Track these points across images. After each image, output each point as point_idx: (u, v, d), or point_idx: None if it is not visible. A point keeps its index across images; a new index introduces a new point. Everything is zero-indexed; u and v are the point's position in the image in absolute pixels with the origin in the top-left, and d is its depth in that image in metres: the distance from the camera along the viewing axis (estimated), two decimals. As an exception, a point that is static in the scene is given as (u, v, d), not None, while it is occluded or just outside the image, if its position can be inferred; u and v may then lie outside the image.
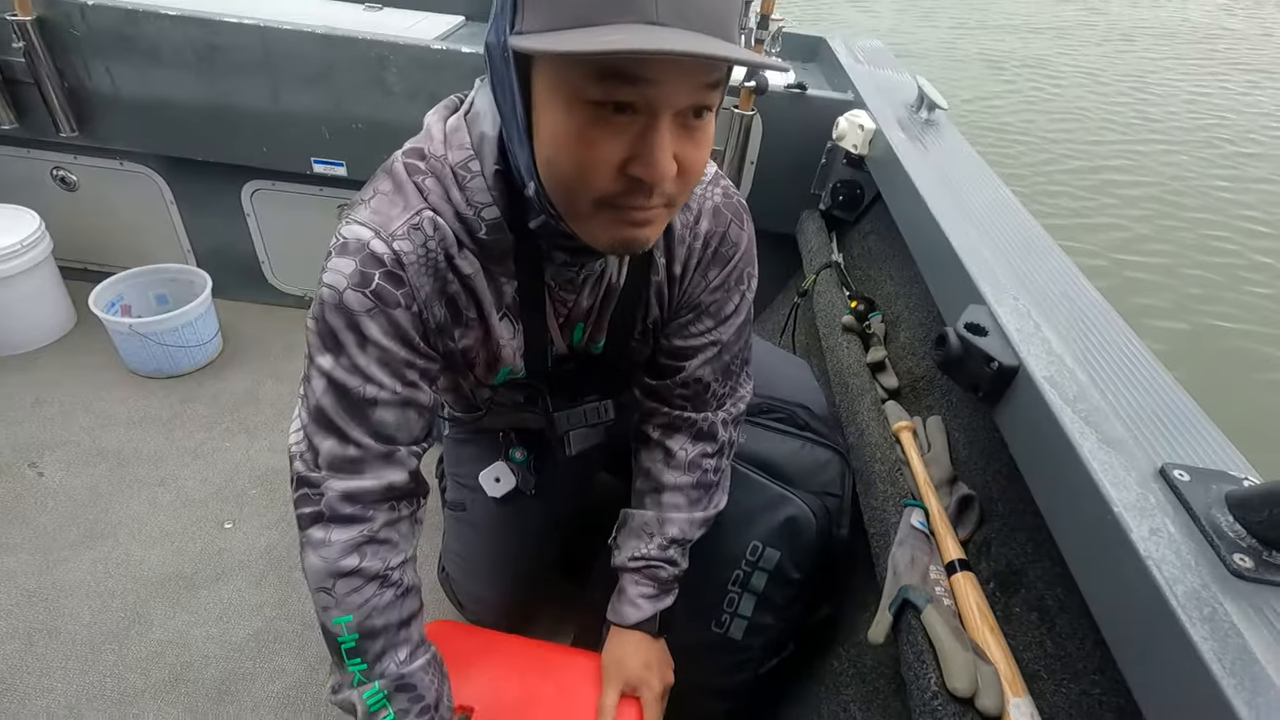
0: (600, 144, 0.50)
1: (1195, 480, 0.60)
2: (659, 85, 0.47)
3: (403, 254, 0.61)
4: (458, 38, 1.70)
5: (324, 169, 1.65)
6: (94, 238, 1.89)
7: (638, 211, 0.54)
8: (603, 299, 0.74)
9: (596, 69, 0.47)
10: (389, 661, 0.67)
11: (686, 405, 0.86)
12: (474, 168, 0.60)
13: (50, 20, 1.49)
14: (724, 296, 0.79)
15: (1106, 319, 0.84)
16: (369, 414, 0.64)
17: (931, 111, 1.37)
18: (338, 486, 0.64)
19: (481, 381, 0.77)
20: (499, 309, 0.69)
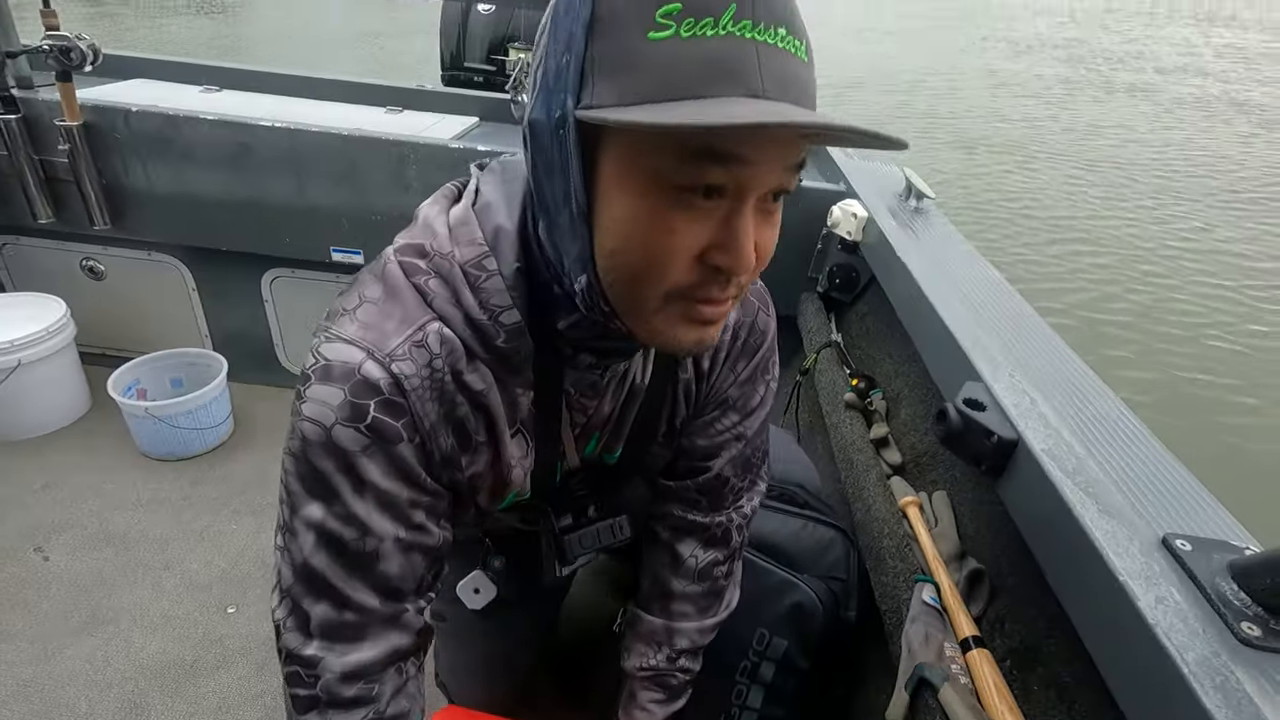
0: (681, 231, 0.43)
1: (1197, 549, 0.62)
2: (754, 166, 0.42)
3: (403, 377, 0.50)
4: (473, 137, 1.82)
5: (342, 257, 1.73)
6: (115, 324, 1.96)
7: (710, 306, 0.47)
8: (624, 403, 0.66)
9: (689, 148, 0.41)
10: None
11: (700, 504, 0.79)
12: (489, 266, 0.51)
13: (96, 125, 1.60)
14: (750, 389, 0.74)
15: (1099, 393, 0.87)
16: (370, 569, 0.53)
17: (920, 200, 1.46)
18: (336, 665, 0.53)
19: (485, 510, 0.65)
20: (512, 425, 0.59)
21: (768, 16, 0.40)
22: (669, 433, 0.72)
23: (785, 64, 0.41)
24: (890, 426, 1.21)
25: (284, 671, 0.55)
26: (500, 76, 2.54)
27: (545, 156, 0.46)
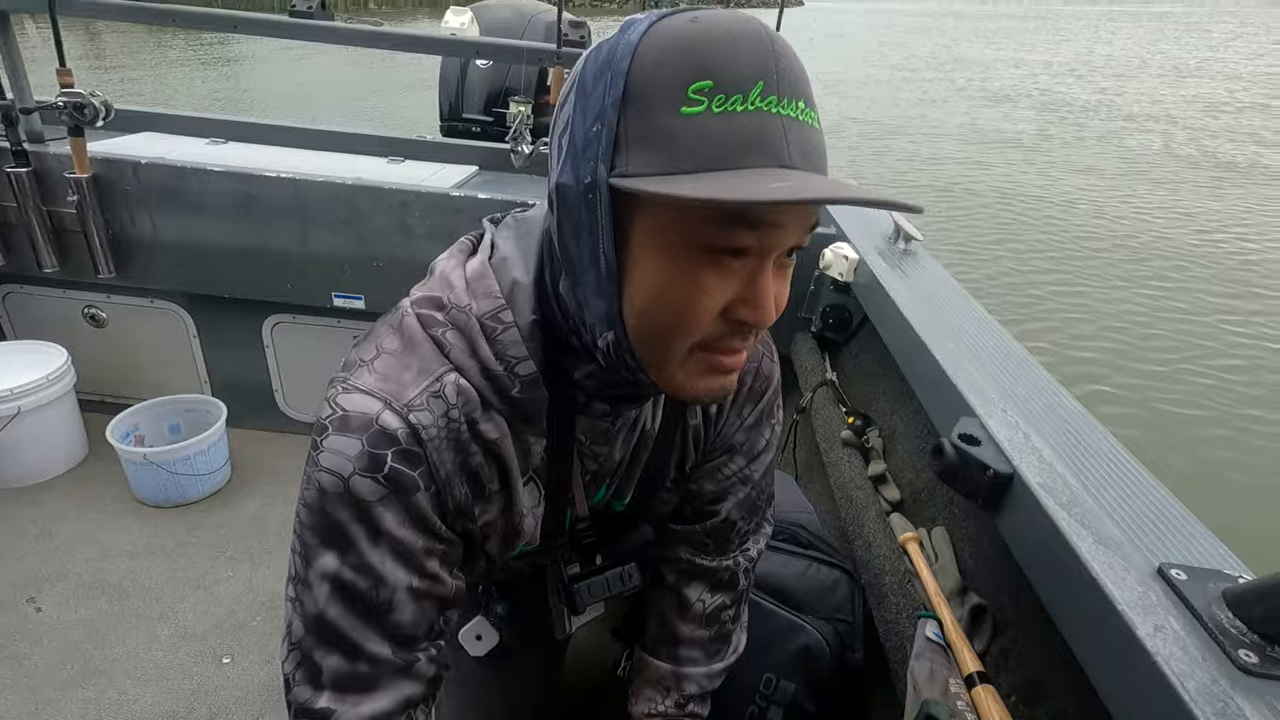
0: (712, 290, 0.46)
1: (1193, 579, 0.63)
2: (781, 229, 0.45)
3: (420, 427, 0.51)
4: (472, 185, 1.86)
5: (343, 302, 1.75)
6: (115, 371, 1.97)
7: (730, 356, 0.50)
8: (635, 449, 0.67)
9: (726, 215, 0.43)
10: None
11: (707, 547, 0.80)
12: (505, 318, 0.53)
13: (105, 177, 1.64)
14: (756, 434, 0.75)
15: (1088, 426, 0.89)
16: (384, 619, 0.54)
17: (908, 242, 1.50)
18: (350, 717, 0.53)
19: (494, 560, 0.65)
20: (524, 474, 0.60)
21: (790, 92, 0.43)
22: (677, 478, 0.73)
23: (807, 135, 0.44)
24: (888, 463, 1.23)
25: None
26: (498, 127, 2.62)
27: (573, 219, 0.48)
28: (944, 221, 6.14)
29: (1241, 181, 7.59)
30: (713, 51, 0.42)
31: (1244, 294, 4.84)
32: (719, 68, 0.42)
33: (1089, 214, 6.52)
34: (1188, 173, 7.97)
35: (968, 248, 5.52)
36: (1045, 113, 11.40)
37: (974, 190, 7.18)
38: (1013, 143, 9.35)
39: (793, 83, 0.43)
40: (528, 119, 1.77)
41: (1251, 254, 5.54)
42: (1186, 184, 7.51)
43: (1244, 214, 6.52)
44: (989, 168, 8.10)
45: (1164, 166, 8.24)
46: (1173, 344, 4.19)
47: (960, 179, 7.57)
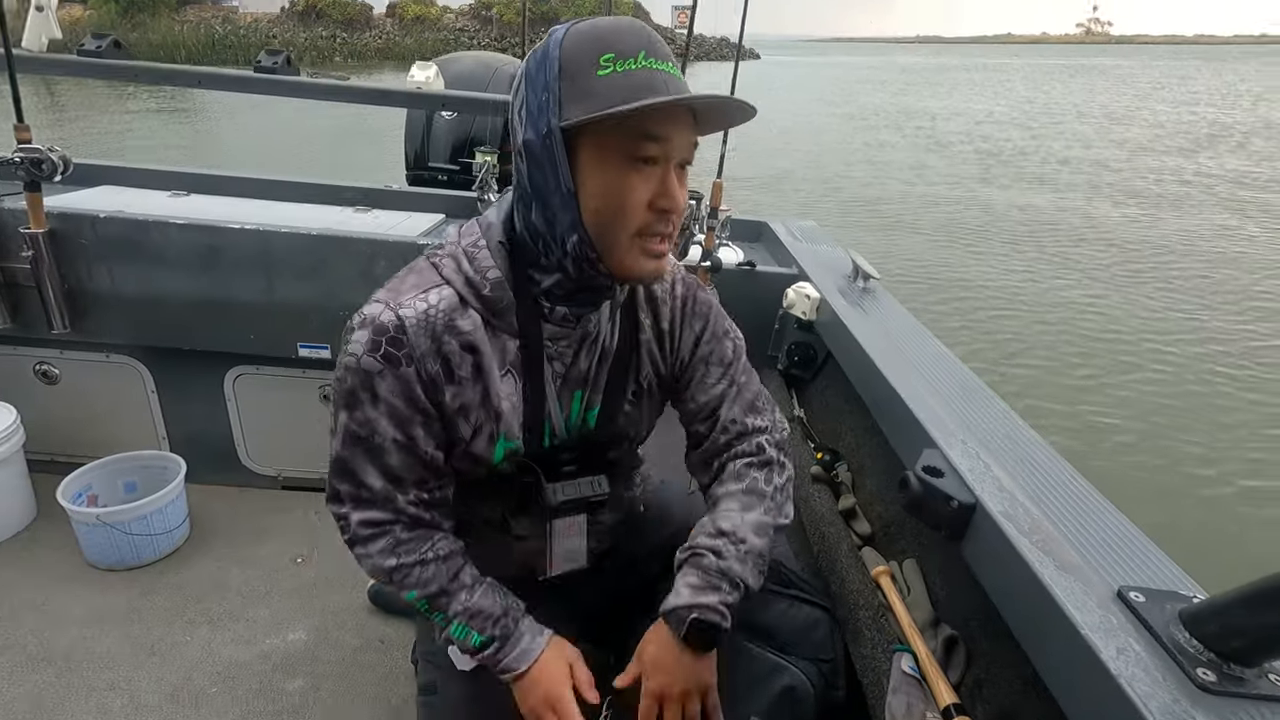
0: (638, 187, 0.68)
1: (1151, 600, 0.65)
2: (671, 141, 0.68)
3: (405, 319, 0.73)
4: (439, 233, 1.88)
5: (309, 352, 1.73)
6: (67, 428, 1.90)
7: (658, 243, 0.72)
8: (598, 361, 0.84)
9: (636, 134, 0.66)
10: (456, 604, 0.82)
11: (735, 447, 0.91)
12: (480, 244, 0.76)
13: (61, 231, 1.61)
14: (718, 345, 0.91)
15: (1046, 455, 0.92)
16: (377, 460, 0.77)
17: (866, 281, 1.55)
18: (356, 517, 0.79)
19: (483, 459, 0.81)
20: (502, 366, 0.78)
21: (662, 56, 0.68)
22: (639, 392, 0.89)
23: (677, 82, 0.68)
24: (857, 497, 1.24)
25: (336, 523, 0.81)
26: (464, 176, 2.65)
27: (538, 161, 0.69)
28: (890, 251, 6.51)
29: (1164, 214, 8.11)
30: (610, 36, 0.67)
31: (1168, 315, 5.25)
32: (615, 44, 0.66)
33: (1026, 243, 7.01)
34: (1114, 208, 8.51)
35: (913, 277, 5.87)
36: (986, 157, 12.03)
37: (918, 227, 7.61)
38: (956, 182, 9.83)
39: (663, 52, 0.68)
40: (493, 168, 1.80)
41: (1174, 278, 5.97)
42: (1112, 217, 8.05)
43: (1171, 241, 7.03)
44: (935, 205, 8.54)
45: (1093, 202, 8.83)
46: (1088, 352, 4.58)
47: (905, 216, 8.02)
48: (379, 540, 0.80)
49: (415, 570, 0.81)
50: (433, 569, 0.82)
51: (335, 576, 1.69)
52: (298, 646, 1.49)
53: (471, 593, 0.83)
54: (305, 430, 1.91)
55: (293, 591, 1.64)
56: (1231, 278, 6.08)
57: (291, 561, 1.74)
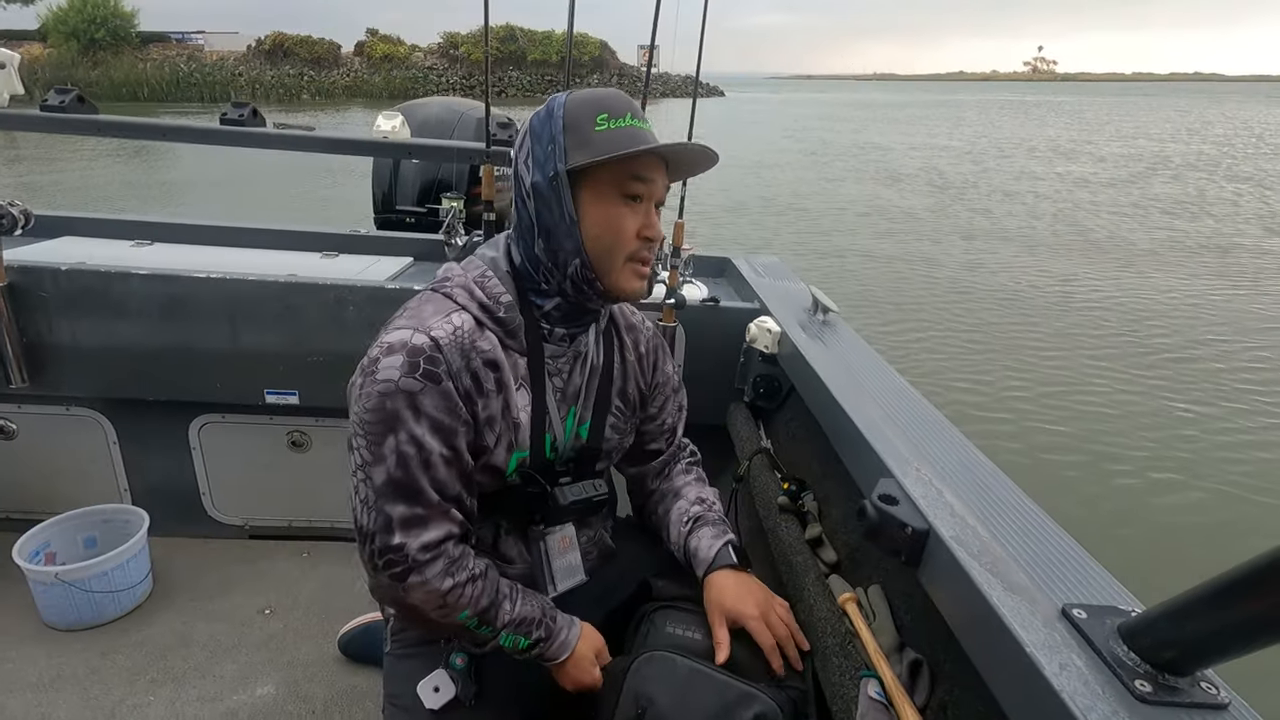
0: (629, 220, 0.85)
1: (1092, 616, 0.69)
2: (655, 184, 0.86)
3: (439, 338, 0.82)
4: (408, 277, 1.90)
5: (276, 399, 1.72)
6: (24, 485, 1.85)
7: (645, 265, 0.87)
8: (588, 378, 0.97)
9: (630, 175, 0.83)
10: (504, 614, 0.89)
11: (680, 456, 1.18)
12: (489, 274, 0.88)
13: (20, 285, 1.60)
14: (673, 375, 1.14)
15: (997, 480, 0.96)
16: (429, 474, 0.82)
17: (826, 314, 1.61)
18: (415, 543, 0.82)
19: (499, 469, 0.90)
20: (516, 381, 0.89)
21: (641, 117, 0.86)
22: (622, 408, 1.02)
23: (654, 137, 0.85)
24: (823, 526, 1.27)
25: (380, 565, 0.82)
26: (431, 218, 2.68)
27: (544, 199, 0.84)
28: (842, 280, 6.84)
29: (1097, 250, 8.48)
30: (605, 100, 0.84)
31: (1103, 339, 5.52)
32: (609, 107, 0.84)
33: (968, 271, 7.37)
34: (1055, 238, 8.94)
35: (868, 306, 6.15)
36: (939, 190, 12.51)
37: (871, 254, 7.94)
38: (907, 215, 10.23)
39: (642, 115, 0.87)
40: (460, 213, 1.84)
41: (1110, 306, 6.26)
42: (1052, 247, 8.44)
43: (1108, 275, 7.33)
44: (888, 236, 8.90)
45: (1035, 234, 9.24)
46: (1029, 374, 4.83)
47: (856, 246, 8.38)
48: (437, 562, 0.84)
49: (467, 588, 0.86)
50: (481, 584, 0.88)
51: (304, 627, 1.66)
52: (266, 701, 1.46)
53: (513, 602, 0.91)
54: (273, 477, 1.88)
55: (261, 644, 1.61)
56: (1166, 299, 6.40)
57: (259, 613, 1.70)
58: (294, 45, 41.76)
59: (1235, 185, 13.09)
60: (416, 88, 41.26)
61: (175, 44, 42.57)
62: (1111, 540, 3.09)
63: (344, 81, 41.54)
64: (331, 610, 1.70)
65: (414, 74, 42.32)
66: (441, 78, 42.30)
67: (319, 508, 1.94)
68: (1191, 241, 8.68)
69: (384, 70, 42.45)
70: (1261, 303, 6.35)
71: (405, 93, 40.18)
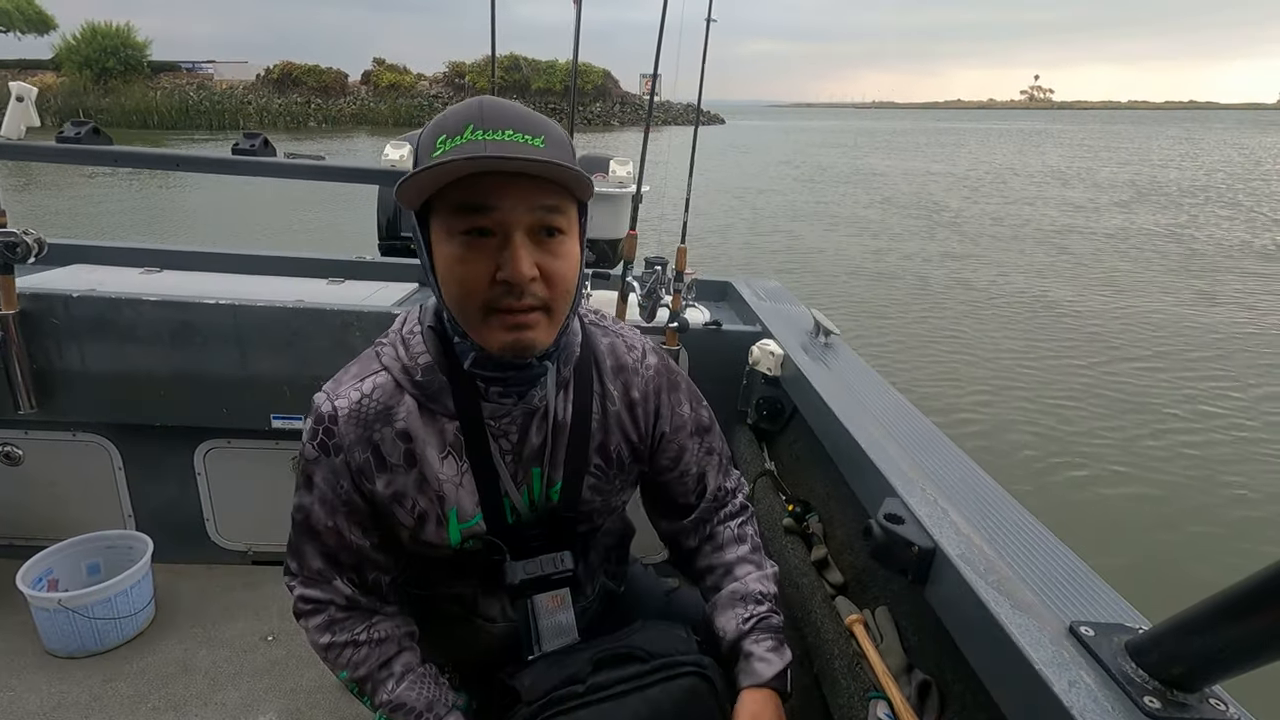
0: (474, 261, 0.67)
1: (1100, 634, 0.69)
2: (502, 210, 0.66)
3: (339, 409, 0.77)
4: (412, 302, 1.91)
5: (282, 424, 1.73)
6: (29, 511, 1.85)
7: (513, 316, 0.69)
8: (553, 434, 0.82)
9: (457, 207, 0.66)
10: (382, 693, 0.84)
11: (722, 509, 0.97)
12: (415, 330, 0.79)
13: (32, 312, 1.61)
14: (695, 414, 0.93)
15: (1000, 498, 0.97)
16: (317, 543, 0.80)
17: (828, 337, 1.62)
18: (298, 592, 0.83)
19: (435, 543, 0.81)
20: (441, 449, 0.78)
21: (495, 125, 0.66)
22: (606, 465, 0.87)
23: (510, 147, 0.65)
24: (829, 547, 1.27)
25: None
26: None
27: (416, 244, 0.74)
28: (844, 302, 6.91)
29: (1098, 271, 8.55)
30: (447, 117, 0.68)
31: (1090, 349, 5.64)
32: (447, 124, 0.67)
33: (955, 288, 7.52)
34: (1056, 261, 9.04)
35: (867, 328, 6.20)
36: (929, 213, 12.65)
37: (866, 275, 8.08)
38: (899, 235, 10.40)
39: (498, 122, 0.66)
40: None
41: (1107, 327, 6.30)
42: (1039, 269, 8.52)
43: (1104, 292, 7.45)
44: (881, 255, 9.05)
45: (1026, 253, 9.37)
46: (1013, 382, 4.95)
47: (852, 267, 8.51)
48: (316, 616, 0.83)
49: (347, 651, 0.83)
50: (365, 651, 0.83)
51: (308, 654, 1.64)
52: (268, 729, 1.45)
53: (399, 683, 0.84)
54: (277, 503, 1.88)
55: (263, 671, 1.60)
56: (1164, 318, 6.46)
57: (262, 639, 1.69)
58: (302, 74, 42.55)
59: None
60: (422, 115, 41.87)
61: (186, 73, 43.39)
62: (1118, 555, 3.09)
63: (350, 109, 42.23)
64: (334, 636, 1.69)
65: (419, 102, 43.02)
66: (446, 105, 42.91)
67: None
68: (1198, 264, 8.73)
69: (390, 98, 43.17)
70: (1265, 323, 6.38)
71: (410, 120, 40.84)
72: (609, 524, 0.96)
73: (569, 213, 0.71)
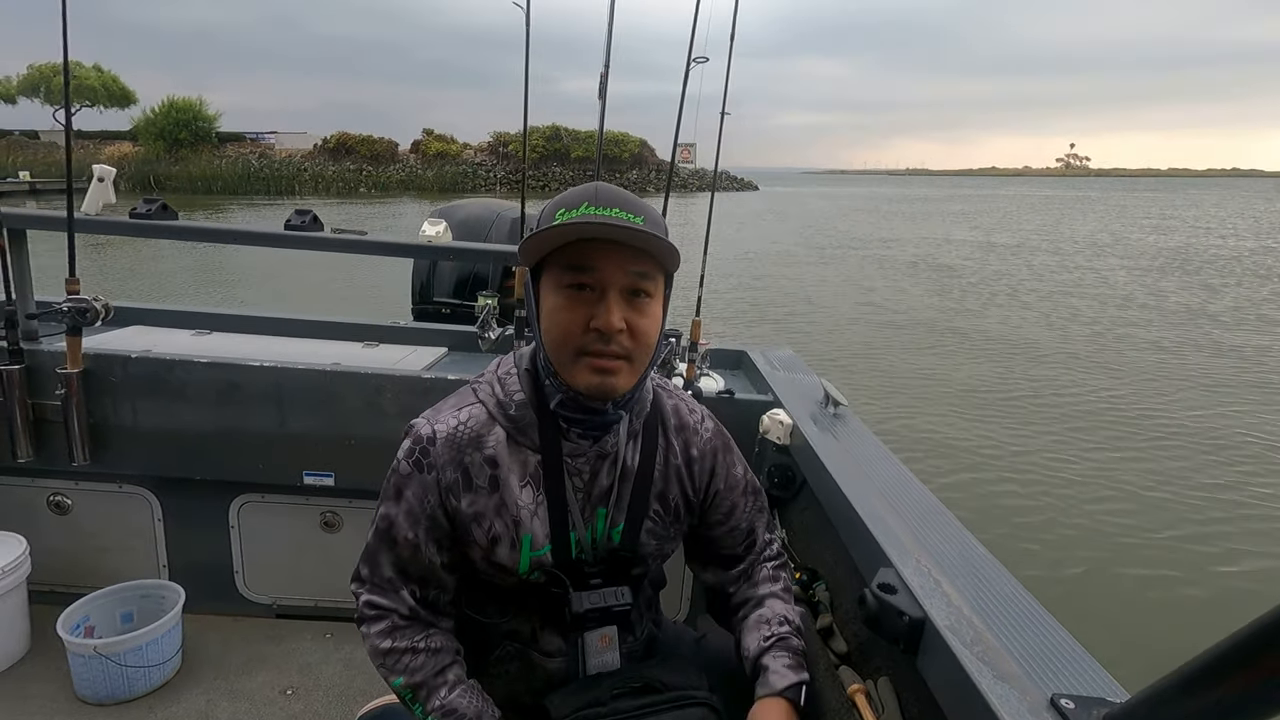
0: (574, 310, 0.81)
1: (1080, 707, 0.70)
2: (601, 271, 0.81)
3: (437, 433, 0.88)
4: (442, 367, 2.01)
5: (314, 480, 1.81)
6: (73, 559, 1.94)
7: (600, 359, 0.81)
8: (620, 479, 0.93)
9: (569, 265, 0.81)
10: (435, 699, 0.89)
11: (763, 556, 1.09)
12: (511, 371, 0.92)
13: (94, 371, 1.75)
14: (746, 476, 1.07)
15: (995, 571, 0.98)
16: (393, 553, 0.89)
17: (836, 407, 1.66)
18: (365, 598, 0.91)
19: (507, 566, 0.90)
20: (522, 478, 0.89)
21: (606, 203, 0.81)
22: (664, 512, 0.97)
23: (614, 220, 0.79)
24: (834, 616, 1.28)
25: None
26: (466, 309, 2.85)
27: (527, 294, 0.89)
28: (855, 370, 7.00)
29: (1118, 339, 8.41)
30: (567, 196, 0.83)
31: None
32: (567, 200, 0.82)
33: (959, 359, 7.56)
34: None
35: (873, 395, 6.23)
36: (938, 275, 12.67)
37: (876, 346, 8.09)
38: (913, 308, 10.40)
39: (609, 200, 0.81)
40: (494, 310, 1.97)
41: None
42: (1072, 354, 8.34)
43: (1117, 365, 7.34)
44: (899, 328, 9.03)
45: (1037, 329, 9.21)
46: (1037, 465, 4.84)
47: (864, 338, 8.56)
48: (380, 622, 0.90)
49: (405, 657, 0.89)
50: (422, 659, 0.90)
51: (324, 709, 1.68)
52: (281, 785, 1.47)
53: (451, 691, 0.90)
54: (304, 557, 1.95)
55: (280, 725, 1.63)
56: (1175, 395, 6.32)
57: (282, 693, 1.73)
58: (356, 144, 45.13)
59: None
60: (465, 181, 43.88)
61: (250, 142, 46.35)
62: (1114, 626, 3.04)
63: (399, 176, 44.42)
64: (351, 692, 1.72)
65: (464, 169, 45.07)
66: (490, 173, 44.93)
67: (345, 588, 1.99)
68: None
69: (436, 166, 45.31)
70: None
71: (455, 185, 42.73)
72: (652, 573, 1.05)
73: (656, 280, 0.84)
